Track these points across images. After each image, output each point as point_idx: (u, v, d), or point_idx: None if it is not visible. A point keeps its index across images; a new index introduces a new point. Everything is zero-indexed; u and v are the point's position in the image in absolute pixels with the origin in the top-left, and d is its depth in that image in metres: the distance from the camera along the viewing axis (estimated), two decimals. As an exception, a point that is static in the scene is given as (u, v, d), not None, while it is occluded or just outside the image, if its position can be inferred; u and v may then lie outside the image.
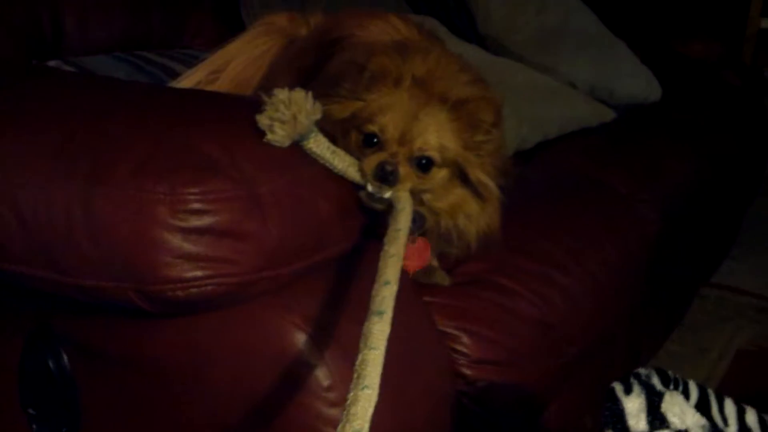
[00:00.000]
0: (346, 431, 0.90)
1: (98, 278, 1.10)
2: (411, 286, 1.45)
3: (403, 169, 1.31)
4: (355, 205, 1.28)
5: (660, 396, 1.15)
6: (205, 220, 1.08)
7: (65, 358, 1.34)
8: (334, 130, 1.32)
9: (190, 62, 1.98)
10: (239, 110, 1.24)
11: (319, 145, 1.24)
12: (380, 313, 1.05)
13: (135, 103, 1.26)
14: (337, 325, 1.23)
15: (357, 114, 1.35)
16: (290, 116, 1.19)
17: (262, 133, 1.19)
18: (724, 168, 2.72)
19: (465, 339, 1.49)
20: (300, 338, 1.20)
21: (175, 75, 1.93)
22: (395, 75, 1.36)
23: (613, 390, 1.16)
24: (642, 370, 1.19)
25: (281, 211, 1.07)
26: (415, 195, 1.33)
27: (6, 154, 1.19)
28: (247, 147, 1.15)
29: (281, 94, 1.20)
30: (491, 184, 1.41)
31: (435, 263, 1.56)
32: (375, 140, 1.33)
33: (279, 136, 1.19)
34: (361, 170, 1.29)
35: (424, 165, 1.34)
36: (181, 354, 1.26)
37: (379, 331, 1.02)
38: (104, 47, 1.94)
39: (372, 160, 1.30)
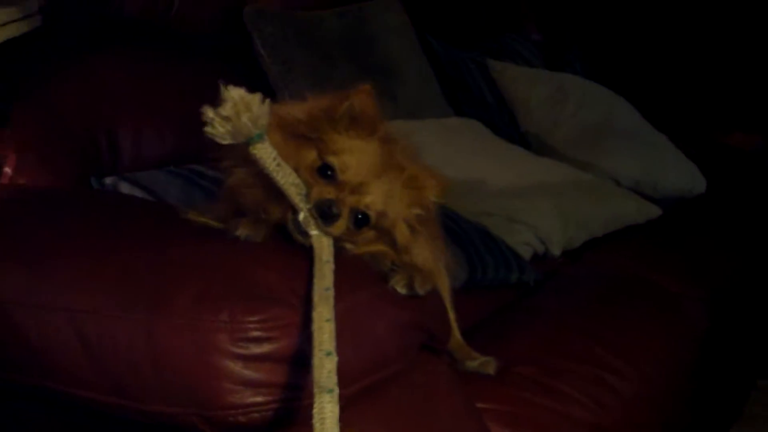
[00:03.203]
0: None
1: (163, 404, 1.12)
2: (465, 392, 1.44)
3: (343, 216, 1.26)
4: (410, 325, 1.28)
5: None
6: (265, 348, 1.10)
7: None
8: (289, 139, 1.29)
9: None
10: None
11: (265, 154, 1.20)
12: (330, 391, 1.01)
13: (189, 232, 1.30)
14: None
15: (324, 139, 1.29)
16: (233, 114, 1.16)
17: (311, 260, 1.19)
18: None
19: (520, 446, 1.49)
20: (358, 457, 1.20)
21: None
22: (372, 122, 1.31)
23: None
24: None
25: (340, 336, 1.09)
26: (336, 242, 1.27)
27: (69, 281, 1.23)
28: (303, 274, 1.17)
29: (234, 92, 1.17)
30: (422, 252, 1.35)
31: (477, 356, 1.58)
32: (330, 173, 1.27)
33: (218, 131, 1.16)
34: (306, 195, 1.24)
35: (359, 221, 1.29)
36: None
37: (331, 411, 1.00)
38: (157, 162, 1.99)
39: (322, 192, 1.25)
